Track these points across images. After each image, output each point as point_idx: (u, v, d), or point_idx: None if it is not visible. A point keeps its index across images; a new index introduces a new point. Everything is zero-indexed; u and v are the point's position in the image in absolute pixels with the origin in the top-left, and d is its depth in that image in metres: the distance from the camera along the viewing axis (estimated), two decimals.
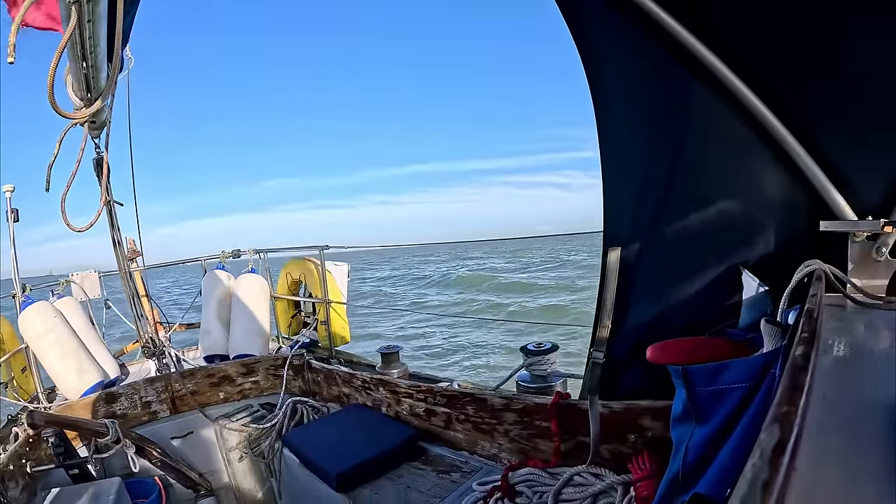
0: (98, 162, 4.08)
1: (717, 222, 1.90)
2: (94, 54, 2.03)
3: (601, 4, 1.80)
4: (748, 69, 1.64)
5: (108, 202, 4.31)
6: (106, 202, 4.32)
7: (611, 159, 2.13)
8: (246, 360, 4.61)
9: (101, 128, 3.00)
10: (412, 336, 16.54)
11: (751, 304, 1.65)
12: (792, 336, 1.02)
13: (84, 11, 1.65)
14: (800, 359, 0.79)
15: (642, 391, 2.13)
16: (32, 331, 4.14)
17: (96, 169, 4.24)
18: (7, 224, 4.42)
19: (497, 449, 2.75)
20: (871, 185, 1.57)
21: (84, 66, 2.10)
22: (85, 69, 2.13)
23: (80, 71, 2.14)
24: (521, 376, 3.05)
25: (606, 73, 2.00)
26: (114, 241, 4.68)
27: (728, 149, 1.82)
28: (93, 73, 2.15)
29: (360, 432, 3.26)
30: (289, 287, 5.41)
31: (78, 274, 5.27)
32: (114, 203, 4.38)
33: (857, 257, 1.54)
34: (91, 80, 2.21)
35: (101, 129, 3.05)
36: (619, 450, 2.17)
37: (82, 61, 2.06)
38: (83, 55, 2.01)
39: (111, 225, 4.63)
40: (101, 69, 2.14)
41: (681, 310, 2.06)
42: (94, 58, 2.05)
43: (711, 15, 1.63)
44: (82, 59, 2.04)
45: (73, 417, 3.36)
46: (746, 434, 1.10)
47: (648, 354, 1.47)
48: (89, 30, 1.80)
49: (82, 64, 2.08)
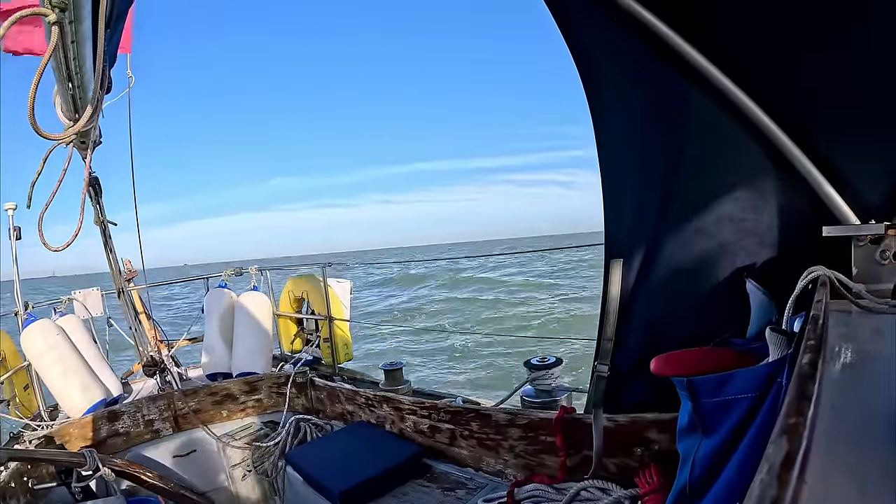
0: (91, 182, 4.09)
1: (719, 230, 1.89)
2: (80, 74, 2.01)
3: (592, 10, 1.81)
4: (748, 76, 1.63)
5: (102, 222, 4.32)
6: (100, 222, 4.33)
7: (610, 170, 2.12)
8: (249, 377, 4.59)
9: (92, 148, 3.01)
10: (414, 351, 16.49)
11: (755, 312, 1.63)
12: (798, 344, 1.00)
13: (67, 32, 1.64)
14: (807, 367, 0.78)
15: (648, 404, 2.11)
16: (35, 349, 4.13)
17: (89, 189, 4.25)
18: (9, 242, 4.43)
19: (502, 465, 2.72)
20: (874, 188, 1.56)
21: (70, 87, 2.10)
22: (72, 90, 2.12)
23: (66, 92, 2.14)
24: (526, 391, 3.02)
25: (603, 84, 2.00)
26: (109, 261, 4.69)
27: (728, 156, 1.81)
28: (80, 93, 2.14)
29: (363, 450, 3.23)
30: (291, 304, 5.40)
31: (80, 292, 5.27)
32: (107, 223, 4.39)
33: (861, 262, 1.52)
34: (79, 101, 2.21)
35: (91, 149, 3.05)
36: (625, 463, 2.14)
37: (68, 82, 2.05)
38: (69, 76, 2.00)
39: (106, 245, 4.64)
40: (88, 90, 2.12)
41: (684, 320, 2.04)
42: (80, 78, 2.03)
43: (708, 22, 1.63)
44: (68, 79, 2.03)
45: (43, 451, 3.29)
46: (754, 445, 1.07)
47: (653, 366, 1.45)
48: (73, 50, 1.79)
49: (69, 85, 2.07)
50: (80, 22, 1.67)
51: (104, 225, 4.35)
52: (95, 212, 4.26)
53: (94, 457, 3.14)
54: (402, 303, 25.77)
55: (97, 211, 4.26)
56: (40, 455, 3.13)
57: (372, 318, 21.51)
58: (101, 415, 3.91)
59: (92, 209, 4.33)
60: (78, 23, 1.66)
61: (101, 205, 4.28)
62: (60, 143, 2.04)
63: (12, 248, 4.50)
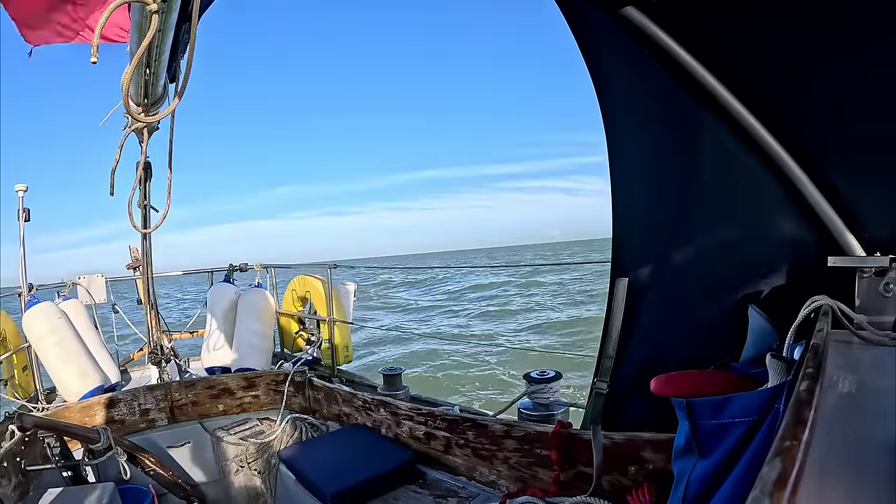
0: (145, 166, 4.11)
1: (725, 255, 1.90)
2: (158, 62, 2.12)
3: (612, 31, 1.83)
4: (758, 102, 1.65)
5: (145, 206, 4.34)
6: (143, 206, 4.35)
7: (620, 189, 2.14)
8: (247, 373, 4.60)
9: (151, 133, 3.11)
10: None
11: (756, 338, 1.64)
12: (797, 371, 1.01)
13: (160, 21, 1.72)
14: (804, 394, 0.79)
15: (645, 423, 2.11)
16: (35, 330, 4.16)
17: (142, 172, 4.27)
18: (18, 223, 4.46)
19: (496, 475, 2.72)
20: (880, 221, 1.57)
21: (146, 73, 2.20)
22: (147, 76, 2.22)
23: (141, 77, 2.23)
24: (524, 404, 3.02)
25: (617, 102, 2.02)
26: (143, 247, 4.70)
27: (737, 182, 1.82)
28: (153, 79, 2.25)
29: (358, 452, 3.23)
30: (294, 303, 5.43)
31: (85, 277, 5.30)
32: (150, 208, 4.41)
33: (864, 293, 1.53)
34: (150, 87, 2.31)
35: (150, 134, 3.15)
36: (619, 481, 2.14)
37: (146, 68, 2.15)
38: (147, 62, 2.11)
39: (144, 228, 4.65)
40: (161, 76, 2.25)
41: (686, 342, 2.05)
42: (156, 65, 2.15)
43: (721, 46, 1.65)
44: (146, 65, 2.13)
45: (64, 422, 3.34)
46: (748, 468, 1.09)
47: (652, 386, 1.46)
48: (157, 38, 1.87)
49: (145, 70, 2.18)
50: (171, 11, 1.76)
51: (146, 209, 4.37)
52: (141, 195, 4.28)
53: (108, 435, 3.18)
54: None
55: (142, 194, 4.28)
56: (60, 426, 3.16)
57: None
58: (97, 401, 3.93)
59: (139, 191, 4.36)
60: (169, 12, 1.75)
61: (148, 188, 4.30)
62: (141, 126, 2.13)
63: (21, 229, 4.54)
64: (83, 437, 3.18)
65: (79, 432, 3.20)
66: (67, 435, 3.20)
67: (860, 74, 1.45)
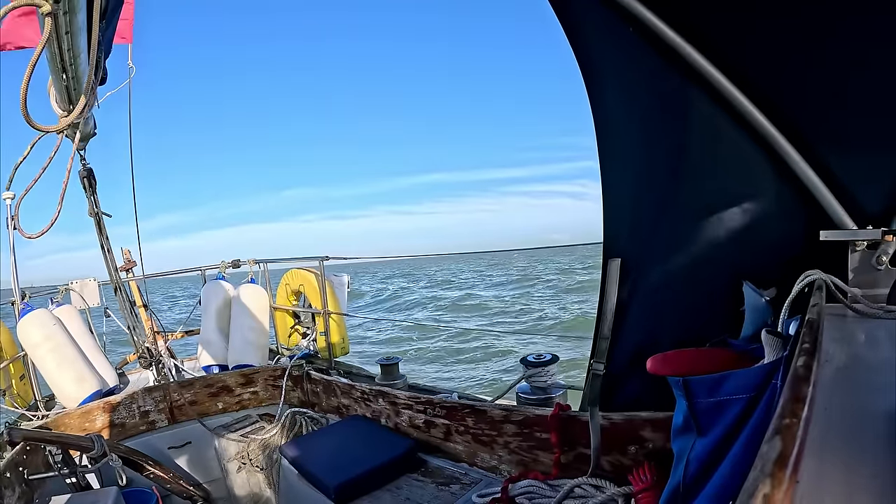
0: (85, 174, 4.08)
1: (717, 233, 1.90)
2: (75, 66, 2.01)
3: (598, 13, 1.81)
4: (747, 79, 1.65)
5: (97, 214, 4.31)
6: (94, 214, 4.32)
7: (610, 170, 2.13)
8: (245, 370, 4.60)
9: (86, 139, 3.00)
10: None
11: (751, 314, 1.64)
12: (793, 347, 1.01)
13: (61, 23, 1.64)
14: (801, 370, 0.79)
15: (643, 402, 2.12)
16: (31, 339, 4.13)
17: (83, 181, 4.24)
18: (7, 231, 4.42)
19: (497, 461, 2.73)
20: (871, 194, 1.57)
21: (65, 79, 2.10)
22: (66, 81, 2.12)
23: (61, 83, 2.14)
24: (522, 388, 3.04)
25: (606, 84, 2.01)
26: (104, 251, 4.68)
27: (728, 159, 1.82)
28: (74, 84, 2.14)
29: (359, 444, 3.24)
30: (288, 297, 5.41)
31: (77, 282, 5.26)
32: (102, 214, 4.38)
33: (857, 267, 1.54)
34: (72, 93, 2.20)
35: (86, 140, 3.04)
36: (619, 461, 2.16)
37: (62, 73, 2.05)
38: (63, 67, 2.00)
39: (101, 236, 4.64)
40: (83, 81, 2.12)
41: (681, 321, 2.06)
42: (74, 69, 2.03)
43: (708, 24, 1.64)
44: (62, 70, 2.03)
45: (55, 433, 3.31)
46: (748, 445, 1.09)
47: (649, 366, 1.46)
48: (67, 41, 1.79)
49: (63, 76, 2.07)
50: (74, 13, 1.67)
51: (98, 217, 4.34)
52: (90, 203, 4.25)
53: (102, 442, 3.16)
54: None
55: (91, 203, 4.25)
56: (51, 437, 3.14)
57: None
58: (96, 405, 3.91)
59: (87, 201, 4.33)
60: (72, 13, 1.66)
61: (95, 197, 4.27)
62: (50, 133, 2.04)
63: (10, 238, 4.49)
64: (76, 445, 3.15)
65: (71, 441, 3.17)
66: (59, 445, 3.17)
67: (850, 51, 1.45)
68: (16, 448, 2.95)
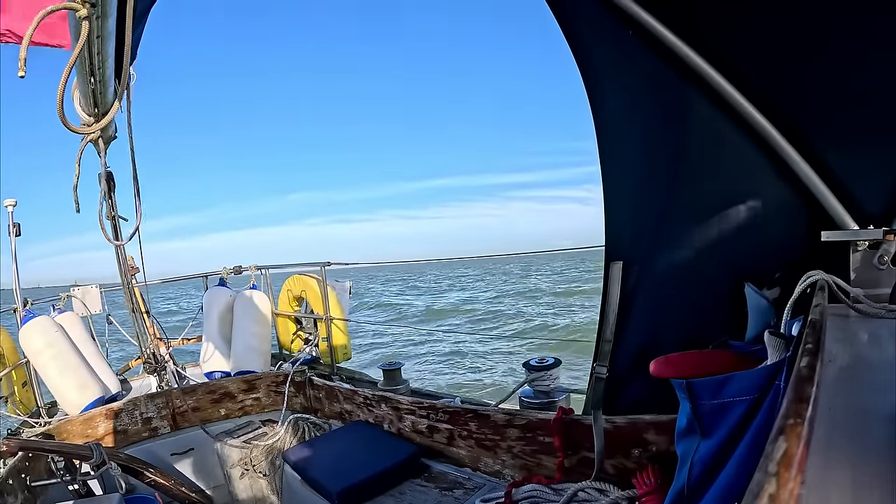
0: (106, 177, 4.07)
1: (718, 234, 1.90)
2: (103, 70, 2.04)
3: (596, 15, 1.82)
4: (746, 80, 1.65)
5: (114, 217, 4.31)
6: (111, 217, 4.32)
7: (611, 173, 2.14)
8: (247, 376, 4.59)
9: (108, 143, 3.03)
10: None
11: (754, 316, 1.64)
12: (796, 347, 1.01)
13: (94, 27, 1.66)
14: (805, 370, 0.79)
15: (646, 405, 2.12)
16: (33, 345, 4.13)
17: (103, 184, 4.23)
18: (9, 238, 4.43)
19: (500, 465, 2.73)
20: (872, 194, 1.57)
21: (92, 83, 2.12)
22: (93, 85, 2.15)
23: (87, 87, 2.16)
24: (524, 392, 3.03)
25: (604, 86, 2.01)
26: (118, 256, 4.68)
27: (727, 161, 1.82)
28: (100, 88, 2.17)
29: (362, 449, 3.23)
30: (290, 303, 5.40)
31: (79, 288, 5.27)
32: (118, 218, 4.38)
33: (859, 266, 1.53)
34: (98, 96, 2.23)
35: (108, 143, 3.07)
36: (623, 465, 2.15)
37: (90, 77, 2.07)
38: (91, 71, 2.02)
39: (116, 240, 4.63)
40: (109, 85, 2.16)
41: (683, 323, 2.05)
42: (101, 73, 2.06)
43: (707, 26, 1.64)
44: (90, 74, 2.05)
45: (52, 442, 3.30)
46: (752, 447, 1.09)
47: (652, 368, 1.46)
48: (97, 45, 1.81)
49: (90, 80, 2.10)
50: (106, 18, 1.69)
51: (115, 220, 4.34)
52: (107, 206, 4.25)
53: (101, 450, 3.15)
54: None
55: (109, 206, 4.25)
56: (48, 447, 3.13)
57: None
58: (99, 412, 3.91)
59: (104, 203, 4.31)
60: (104, 18, 1.69)
61: (114, 200, 4.26)
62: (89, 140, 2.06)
63: (12, 245, 4.50)
64: (74, 454, 3.14)
65: (69, 451, 3.15)
66: (57, 454, 3.16)
67: (848, 51, 1.45)
68: (18, 455, 2.94)
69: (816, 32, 1.46)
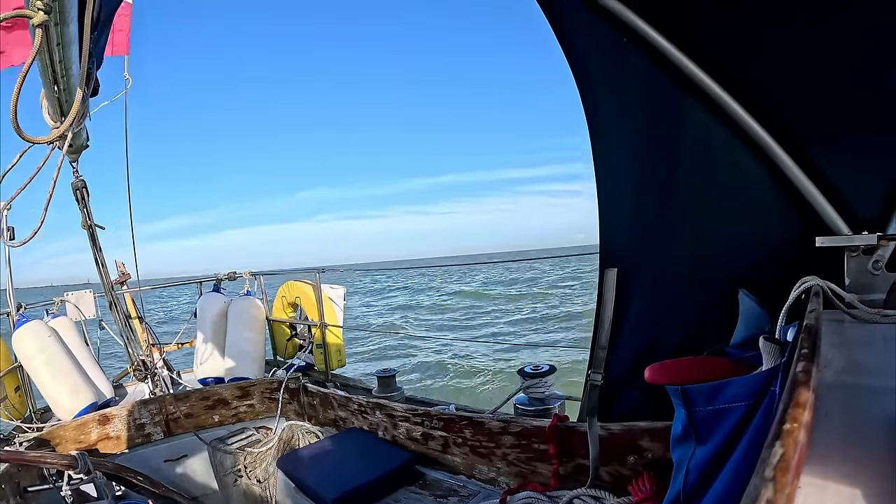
0: (78, 186, 4.06)
1: (713, 240, 1.90)
2: (67, 77, 2.01)
3: (590, 22, 1.83)
4: (741, 87, 1.66)
5: (90, 226, 4.31)
6: (87, 226, 4.31)
7: (605, 179, 2.14)
8: (241, 382, 4.57)
9: (78, 151, 2.99)
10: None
11: (748, 322, 1.64)
12: (791, 353, 1.01)
13: (52, 35, 1.63)
14: (801, 375, 0.79)
15: (641, 412, 2.11)
16: (26, 350, 4.11)
17: (76, 193, 4.23)
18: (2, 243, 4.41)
19: (495, 472, 2.72)
20: (866, 199, 1.58)
21: (56, 90, 2.10)
22: (57, 93, 2.12)
23: (52, 95, 2.14)
24: (519, 399, 3.02)
25: (598, 92, 2.02)
26: (97, 264, 4.67)
27: (721, 167, 1.83)
28: (66, 96, 2.14)
29: (356, 456, 3.22)
30: (285, 309, 5.38)
31: (73, 294, 5.24)
32: (95, 227, 4.37)
33: (853, 272, 1.54)
34: (64, 104, 2.20)
35: (78, 152, 3.03)
36: (618, 472, 2.15)
37: (54, 85, 2.05)
38: (55, 79, 2.00)
39: (94, 248, 4.62)
40: (75, 92, 2.10)
41: (678, 329, 2.05)
42: (66, 81, 2.03)
43: (701, 32, 1.65)
44: (54, 82, 2.03)
45: (34, 454, 3.26)
46: (748, 453, 1.08)
47: (647, 375, 1.45)
48: (59, 53, 1.79)
49: (54, 87, 2.07)
50: (65, 24, 1.66)
51: (91, 229, 4.33)
52: (83, 215, 4.24)
53: (86, 460, 3.11)
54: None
55: (84, 215, 4.24)
56: (30, 458, 3.10)
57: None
58: (91, 418, 3.88)
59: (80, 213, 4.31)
60: (64, 25, 1.66)
61: (88, 209, 4.26)
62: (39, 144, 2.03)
63: (5, 249, 4.48)
64: (58, 465, 3.10)
65: (53, 461, 3.11)
66: (41, 465, 3.11)
67: (842, 56, 1.45)
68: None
69: (810, 38, 1.47)
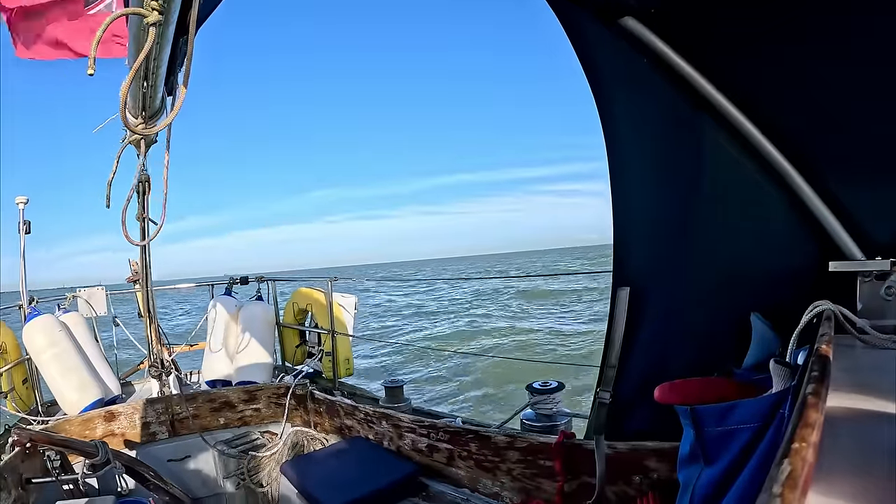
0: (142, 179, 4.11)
1: (726, 262, 1.90)
2: (156, 75, 2.13)
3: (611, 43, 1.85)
4: (758, 111, 1.66)
5: (144, 219, 4.35)
6: (141, 218, 4.35)
7: (621, 199, 2.15)
8: (248, 386, 4.59)
9: (149, 146, 3.11)
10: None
11: (759, 345, 1.63)
12: (802, 376, 1.01)
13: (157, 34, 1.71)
14: (811, 397, 0.79)
15: (648, 432, 2.10)
16: (36, 343, 4.16)
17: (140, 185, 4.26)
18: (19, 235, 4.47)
19: (499, 487, 2.70)
20: (880, 225, 1.58)
21: (144, 86, 2.21)
22: (144, 89, 2.23)
23: (139, 90, 2.25)
24: (526, 415, 3.02)
25: (616, 112, 2.03)
26: (142, 259, 4.70)
27: (737, 190, 1.83)
28: (151, 92, 2.26)
29: (360, 466, 3.22)
30: (295, 316, 5.41)
31: (85, 290, 5.30)
32: (148, 220, 4.41)
33: (866, 297, 1.53)
34: (148, 100, 2.32)
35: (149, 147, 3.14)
36: (624, 491, 2.13)
37: (143, 80, 2.16)
38: (145, 75, 2.11)
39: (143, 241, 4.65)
40: (159, 89, 2.26)
41: (688, 350, 2.04)
42: (154, 78, 2.15)
43: (719, 55, 1.66)
44: (144, 78, 2.14)
45: (61, 436, 3.32)
46: (755, 474, 1.08)
47: (656, 394, 1.45)
48: (155, 51, 1.87)
49: (143, 83, 2.18)
50: (168, 25, 1.74)
51: (145, 222, 4.37)
52: (140, 208, 4.28)
53: (107, 449, 3.16)
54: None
55: (140, 207, 4.28)
56: (57, 440, 3.14)
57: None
58: (97, 414, 3.91)
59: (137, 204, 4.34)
60: (167, 25, 1.73)
61: (146, 202, 4.30)
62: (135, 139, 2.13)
63: (21, 242, 4.55)
64: (81, 451, 3.16)
65: (76, 446, 3.17)
66: (65, 448, 3.17)
67: (859, 82, 1.46)
68: (14, 451, 2.94)
69: (826, 62, 1.48)
